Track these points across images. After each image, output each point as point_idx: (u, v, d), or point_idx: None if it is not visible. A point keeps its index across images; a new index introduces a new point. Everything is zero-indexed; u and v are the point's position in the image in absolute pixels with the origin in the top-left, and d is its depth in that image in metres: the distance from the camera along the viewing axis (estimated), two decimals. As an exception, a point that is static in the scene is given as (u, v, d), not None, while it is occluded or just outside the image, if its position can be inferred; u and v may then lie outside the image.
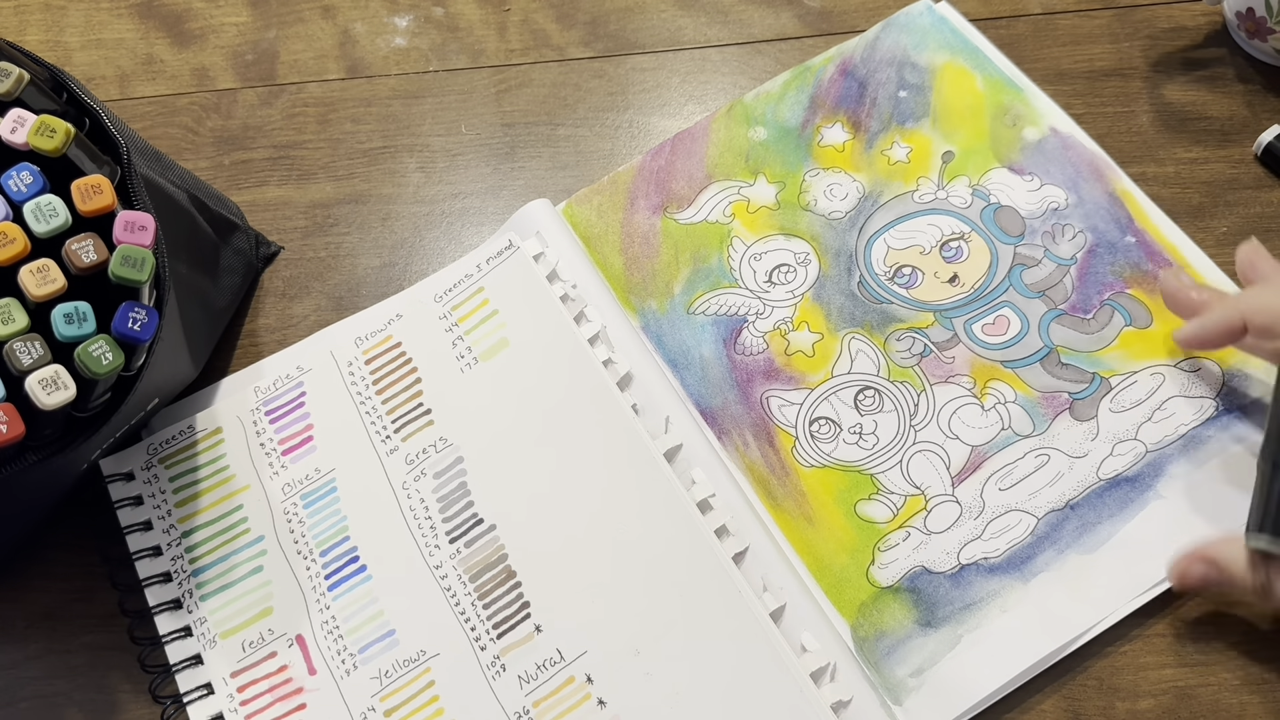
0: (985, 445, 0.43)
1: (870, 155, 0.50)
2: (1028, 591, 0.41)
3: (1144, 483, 0.42)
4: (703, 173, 0.51)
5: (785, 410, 0.45)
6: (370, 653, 0.41)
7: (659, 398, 0.45)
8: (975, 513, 0.42)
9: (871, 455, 0.44)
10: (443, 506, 0.43)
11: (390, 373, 0.46)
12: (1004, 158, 0.50)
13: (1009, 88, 0.51)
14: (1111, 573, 0.40)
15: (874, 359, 0.46)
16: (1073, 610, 0.40)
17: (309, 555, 0.43)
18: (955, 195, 0.49)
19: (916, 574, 0.41)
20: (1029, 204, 0.48)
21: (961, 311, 0.46)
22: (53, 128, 0.36)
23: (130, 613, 0.42)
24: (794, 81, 0.53)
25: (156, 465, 0.45)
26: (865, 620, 0.41)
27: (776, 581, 0.41)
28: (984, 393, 0.44)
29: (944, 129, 0.51)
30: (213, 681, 0.40)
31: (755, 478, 0.44)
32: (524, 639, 0.41)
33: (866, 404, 0.45)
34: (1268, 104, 0.51)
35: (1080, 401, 0.44)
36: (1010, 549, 0.41)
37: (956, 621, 0.40)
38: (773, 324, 0.47)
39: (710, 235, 0.49)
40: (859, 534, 0.42)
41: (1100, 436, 0.43)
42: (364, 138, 0.53)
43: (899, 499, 0.43)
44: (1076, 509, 0.42)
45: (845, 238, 0.49)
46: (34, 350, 0.35)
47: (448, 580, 0.42)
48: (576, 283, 0.47)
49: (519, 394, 0.45)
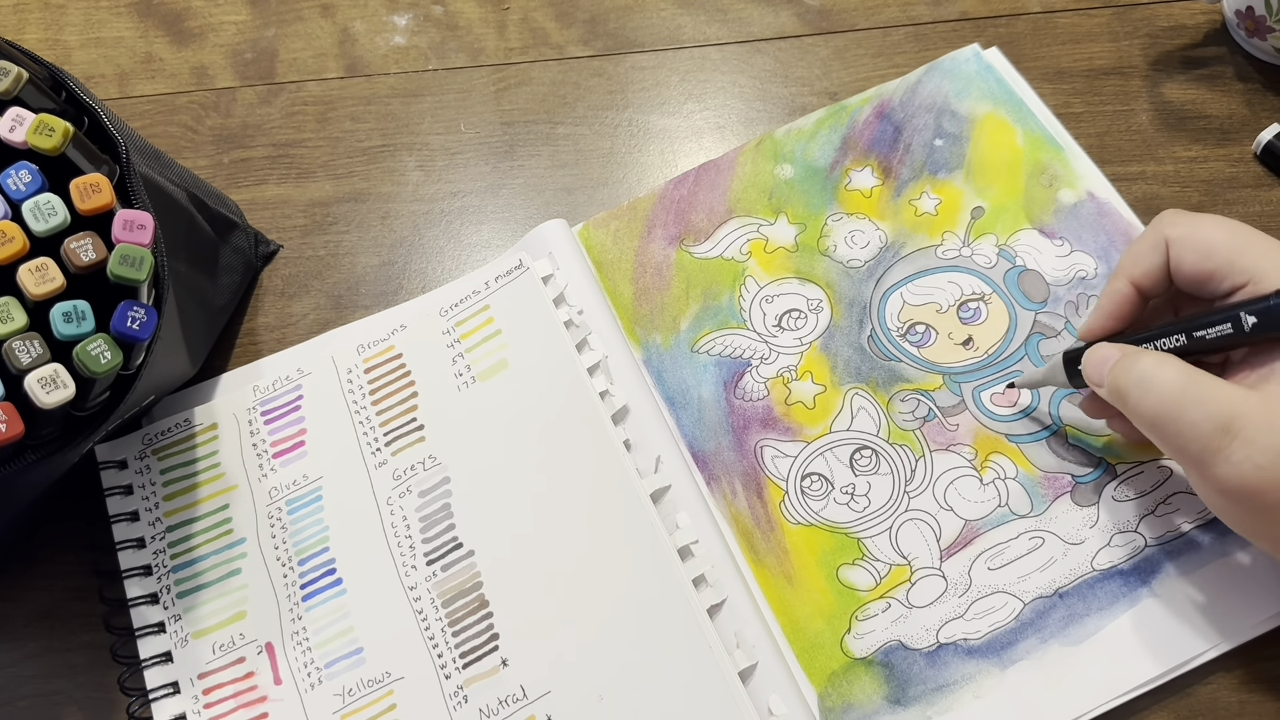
0: (979, 521, 0.42)
1: (897, 204, 0.49)
2: (1004, 678, 0.39)
3: (1138, 578, 0.41)
4: (724, 206, 0.50)
5: (778, 462, 0.44)
6: (336, 668, 0.41)
7: (652, 435, 0.44)
8: (960, 590, 0.41)
9: (861, 518, 0.43)
10: (424, 526, 0.43)
11: (388, 384, 0.46)
12: (1035, 219, 0.48)
13: (1050, 145, 0.49)
14: (1093, 668, 0.39)
15: (875, 418, 0.45)
16: (1048, 703, 0.39)
17: (288, 563, 0.43)
18: (980, 254, 0.47)
19: (892, 648, 0.40)
20: (1056, 270, 0.47)
21: (972, 377, 0.45)
22: (51, 126, 0.36)
23: (109, 601, 0.43)
24: (828, 120, 0.51)
25: (149, 456, 0.45)
26: (834, 690, 0.40)
27: (750, 639, 0.40)
28: (984, 465, 0.43)
29: (977, 183, 0.49)
30: (179, 681, 0.41)
31: (740, 529, 0.43)
32: (489, 671, 0.40)
33: (862, 464, 0.44)
34: (1267, 103, 0.51)
35: (1083, 486, 0.42)
36: (992, 632, 0.40)
37: (926, 703, 0.39)
38: (776, 370, 0.46)
39: (724, 272, 0.48)
40: (838, 600, 0.41)
41: (1099, 525, 0.42)
42: (363, 136, 0.53)
43: (884, 567, 0.42)
44: (1065, 598, 0.41)
45: (861, 288, 0.47)
46: (33, 349, 0.35)
47: (420, 603, 0.42)
48: (583, 308, 0.47)
49: (512, 418, 0.45)
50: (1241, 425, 0.33)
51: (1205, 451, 0.34)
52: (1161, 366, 0.35)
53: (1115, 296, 0.39)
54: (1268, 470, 0.33)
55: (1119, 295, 0.39)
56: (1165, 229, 0.38)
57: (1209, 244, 0.36)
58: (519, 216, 0.51)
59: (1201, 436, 0.34)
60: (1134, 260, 0.39)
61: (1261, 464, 0.33)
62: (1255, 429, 0.33)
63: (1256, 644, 0.39)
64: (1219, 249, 0.36)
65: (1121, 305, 0.39)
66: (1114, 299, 0.39)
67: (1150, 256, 0.38)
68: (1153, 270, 0.38)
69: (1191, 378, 0.35)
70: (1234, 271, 0.36)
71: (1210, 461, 0.34)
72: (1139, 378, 0.36)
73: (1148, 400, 0.35)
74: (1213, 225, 0.37)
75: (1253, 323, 0.34)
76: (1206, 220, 0.37)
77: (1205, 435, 0.34)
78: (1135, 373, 0.36)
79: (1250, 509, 0.34)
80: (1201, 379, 0.35)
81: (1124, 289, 0.39)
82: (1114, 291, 0.39)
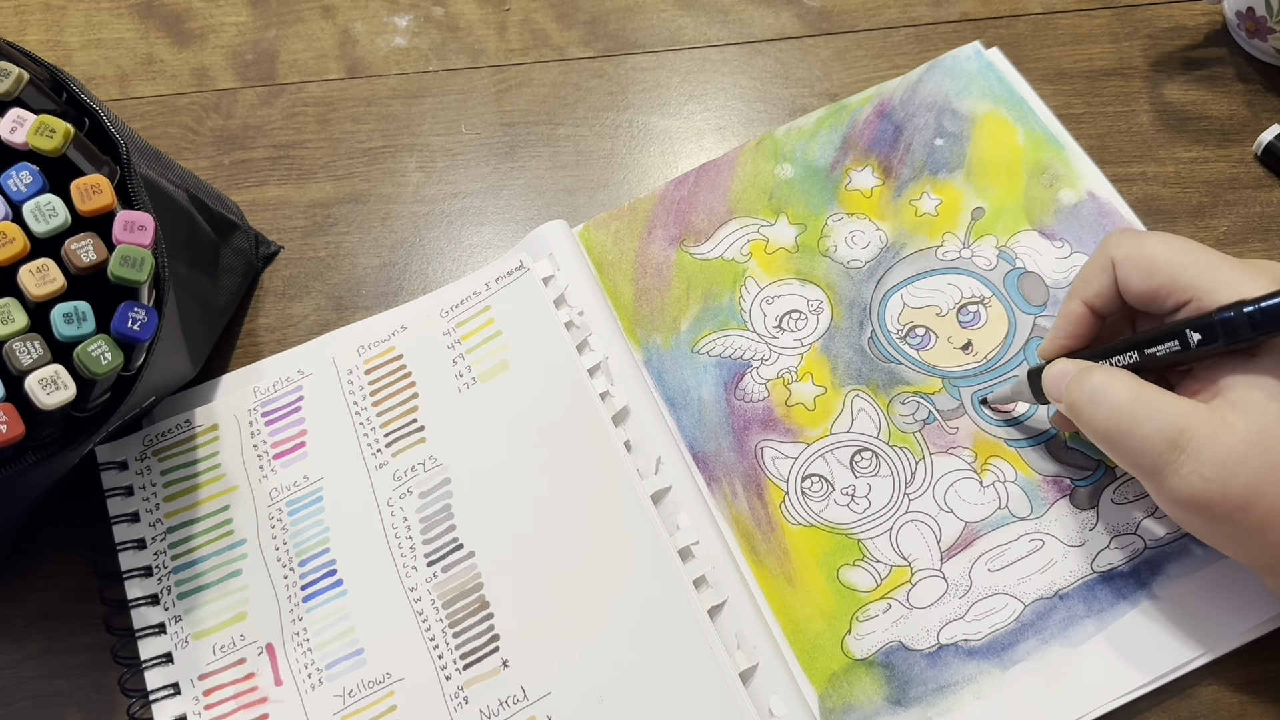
0: (979, 523, 0.42)
1: (898, 204, 0.49)
2: (1004, 679, 0.40)
3: (1138, 580, 0.41)
4: (724, 207, 0.50)
5: (779, 463, 0.44)
6: (337, 669, 0.41)
7: (653, 436, 0.44)
8: (961, 591, 0.41)
9: (861, 519, 0.43)
10: (425, 527, 0.43)
11: (388, 385, 0.46)
12: (1036, 220, 0.48)
13: (1050, 144, 0.49)
14: (1093, 669, 0.39)
15: (875, 420, 0.45)
16: (1048, 705, 0.39)
17: (288, 564, 0.43)
18: (980, 255, 0.47)
19: (893, 649, 0.40)
20: (1056, 272, 0.47)
21: (971, 381, 0.45)
22: (52, 127, 0.36)
23: (110, 602, 0.43)
24: (828, 119, 0.51)
25: (150, 457, 0.45)
26: (835, 691, 0.40)
27: (750, 640, 0.40)
28: (984, 468, 0.43)
29: (978, 183, 0.49)
30: (180, 682, 0.41)
31: (740, 530, 0.43)
32: (490, 672, 0.40)
33: (862, 466, 0.44)
34: (1268, 104, 0.51)
35: (1082, 489, 0.42)
36: (992, 633, 0.40)
37: (927, 703, 0.39)
38: (777, 372, 0.46)
39: (724, 273, 0.48)
40: (839, 600, 0.42)
41: (1099, 527, 0.42)
42: (364, 137, 0.53)
43: (884, 568, 0.42)
44: (1065, 599, 0.41)
45: (861, 289, 0.47)
46: (33, 350, 0.35)
47: (421, 604, 0.42)
48: (584, 309, 0.47)
49: (513, 419, 0.45)
50: (1189, 439, 0.34)
51: (1156, 465, 0.34)
52: (1111, 382, 0.36)
53: (1070, 317, 0.40)
54: (1214, 483, 0.33)
55: (1073, 315, 0.40)
56: (1111, 250, 0.38)
57: (1152, 262, 0.37)
58: (519, 217, 0.51)
59: (1151, 451, 0.34)
60: (1085, 281, 0.39)
61: (1208, 476, 0.33)
62: (1200, 442, 0.33)
63: (1257, 645, 0.40)
64: (1161, 267, 0.36)
65: (1077, 325, 0.40)
66: (1069, 319, 0.40)
67: (1100, 277, 0.39)
68: (1103, 290, 0.39)
69: (1140, 393, 0.35)
70: (1177, 289, 0.36)
71: (1161, 475, 0.34)
72: (1090, 394, 0.36)
73: (1099, 415, 0.36)
74: (1156, 243, 0.37)
75: (1197, 339, 0.34)
76: (1151, 239, 0.38)
77: (1155, 450, 0.34)
78: (1086, 389, 0.36)
79: (1205, 519, 0.35)
80: (1150, 394, 0.35)
81: (1078, 309, 0.39)
82: (1068, 312, 0.40)
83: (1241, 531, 0.34)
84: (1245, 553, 0.36)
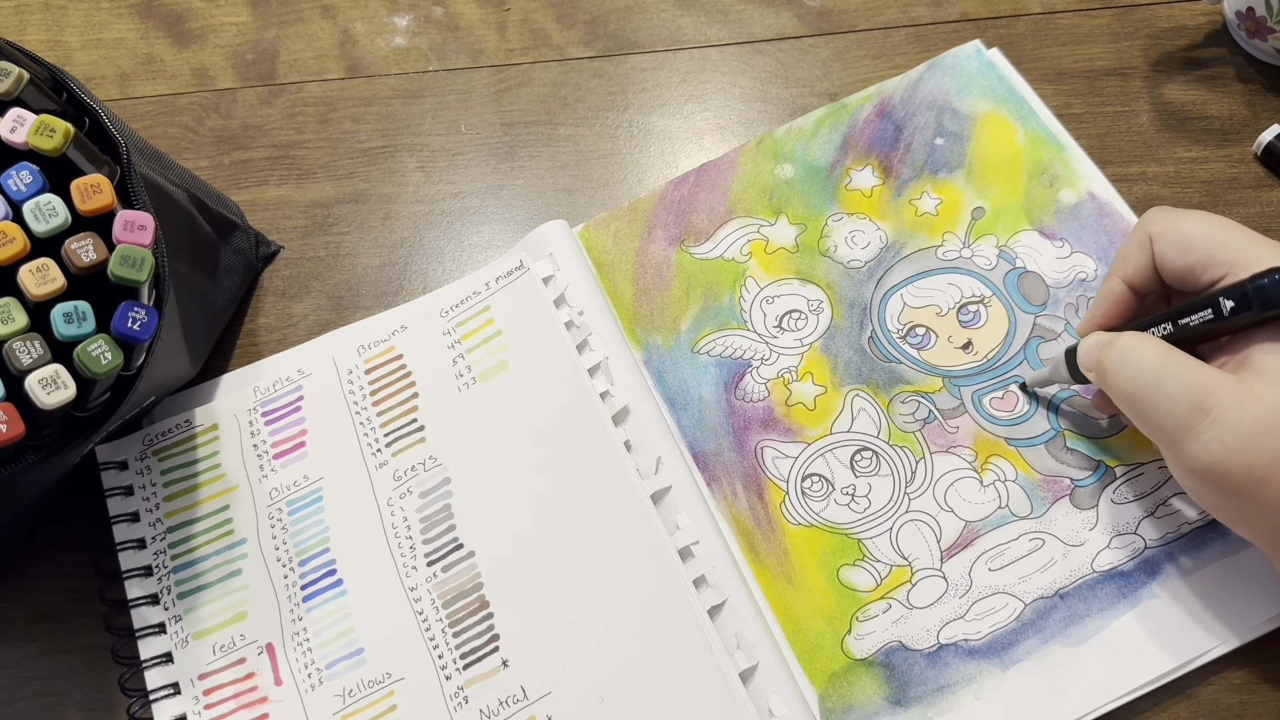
0: (980, 522, 0.42)
1: (898, 204, 0.49)
2: (1005, 679, 0.40)
3: (1138, 579, 0.41)
4: (724, 207, 0.50)
5: (779, 463, 0.44)
6: (337, 669, 0.41)
7: (653, 436, 0.44)
8: (961, 591, 0.41)
9: (862, 519, 0.43)
10: (424, 527, 0.43)
11: (388, 385, 0.46)
12: (1036, 219, 0.48)
13: (1050, 144, 0.49)
14: (1094, 669, 0.39)
15: (876, 419, 0.45)
16: (1048, 704, 0.39)
17: (288, 563, 0.43)
18: (980, 255, 0.47)
19: (893, 649, 0.40)
20: (1056, 271, 0.47)
21: (971, 381, 0.45)
22: (52, 127, 0.36)
23: (110, 601, 0.43)
24: (828, 119, 0.51)
25: (150, 457, 0.45)
26: (835, 691, 0.40)
27: (750, 640, 0.40)
28: (984, 468, 0.43)
29: (978, 183, 0.49)
30: (180, 682, 0.41)
31: (740, 529, 0.43)
32: (490, 672, 0.40)
33: (863, 465, 0.44)
34: (1268, 104, 0.51)
35: (1082, 489, 0.42)
36: (993, 633, 0.40)
37: (927, 703, 0.39)
38: (777, 371, 0.46)
39: (725, 273, 0.48)
40: (839, 600, 0.41)
41: (1099, 527, 0.42)
42: (364, 137, 0.53)
43: (884, 568, 0.42)
44: (1066, 599, 0.41)
45: (862, 289, 0.47)
46: (33, 350, 0.35)
47: (421, 604, 0.42)
48: (584, 309, 0.47)
49: (513, 419, 0.45)
50: (1213, 404, 0.34)
51: (1178, 429, 0.34)
52: (1142, 345, 0.36)
53: (1109, 295, 0.40)
54: (1235, 451, 0.33)
55: (1113, 294, 0.40)
56: (1149, 226, 0.39)
57: (1189, 238, 0.37)
58: (519, 217, 0.51)
59: (1175, 413, 0.34)
60: (1123, 259, 0.40)
61: (1230, 444, 0.33)
62: (1226, 409, 0.34)
63: (1257, 645, 0.40)
64: (1198, 243, 0.37)
65: (1115, 303, 0.40)
66: (1108, 297, 0.40)
67: (1137, 254, 0.39)
68: (1141, 267, 0.39)
69: (1169, 356, 0.35)
70: (1213, 264, 0.37)
71: (1182, 439, 0.34)
72: (1118, 353, 0.37)
73: (1125, 374, 0.36)
74: (1193, 220, 0.38)
75: (1230, 306, 0.35)
76: (1187, 215, 0.38)
77: (1179, 412, 0.34)
78: (1115, 349, 0.37)
79: (1220, 490, 0.35)
80: (1179, 357, 0.35)
81: (1117, 287, 0.40)
82: (1108, 290, 0.40)
83: (1258, 507, 0.34)
84: (1257, 530, 0.36)
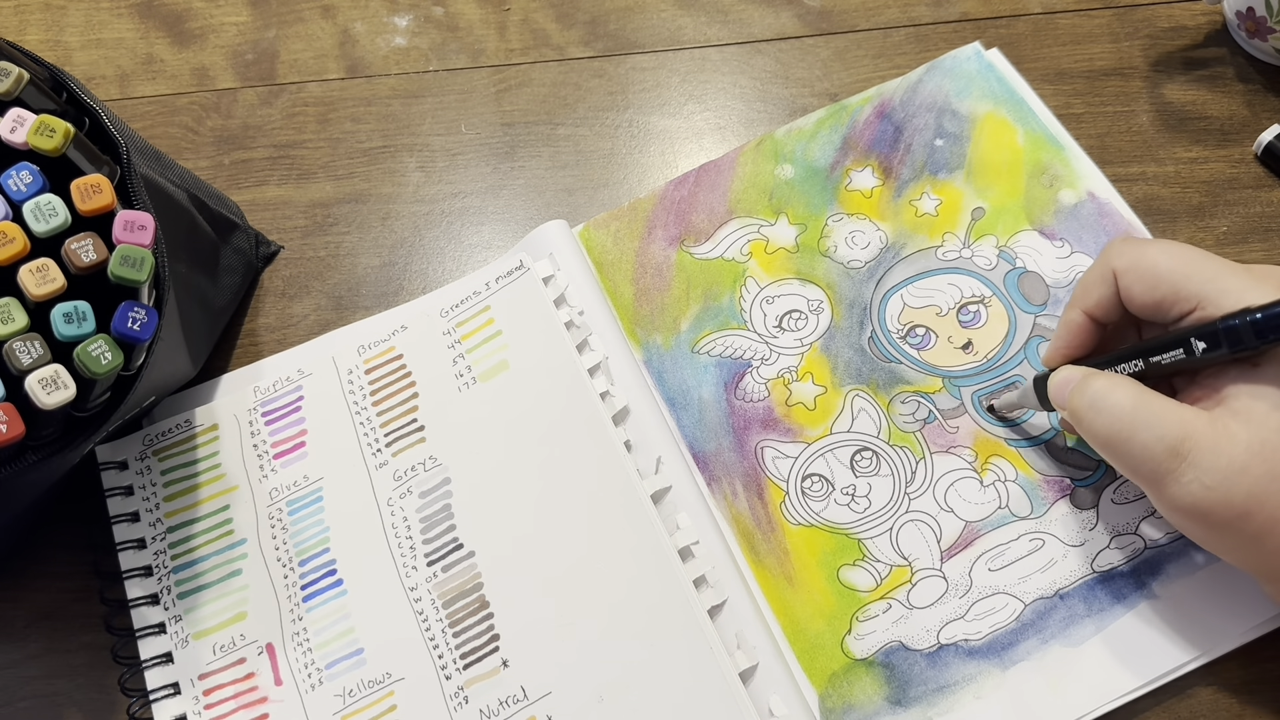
0: (980, 522, 0.42)
1: (898, 205, 0.49)
2: (1005, 679, 0.40)
3: (1138, 580, 0.41)
4: (724, 207, 0.50)
5: (779, 463, 0.44)
6: (337, 669, 0.41)
7: (653, 436, 0.44)
8: (961, 591, 0.41)
9: (862, 519, 0.43)
10: (425, 527, 0.43)
11: (388, 385, 0.46)
12: (1036, 220, 0.48)
13: (1050, 145, 0.49)
14: (1094, 669, 0.39)
15: (876, 419, 0.45)
16: (1048, 704, 0.39)
17: (288, 563, 0.43)
18: (980, 255, 0.47)
19: (893, 649, 0.40)
20: (1056, 271, 0.47)
21: (971, 381, 0.45)
22: (52, 127, 0.36)
23: (110, 601, 0.43)
24: (828, 120, 0.51)
25: (150, 457, 0.45)
26: (835, 691, 0.40)
27: (750, 640, 0.40)
28: (984, 468, 0.43)
29: (978, 183, 0.49)
30: (180, 682, 0.41)
31: (740, 529, 0.43)
32: (490, 672, 0.40)
33: (863, 465, 0.44)
34: (1268, 104, 0.51)
35: (1082, 489, 0.42)
36: (993, 633, 0.40)
37: (927, 703, 0.39)
38: (777, 371, 0.46)
39: (725, 273, 0.48)
40: (839, 600, 0.42)
41: (1099, 527, 0.42)
42: (364, 137, 0.53)
43: (884, 568, 0.42)
44: (1066, 599, 0.41)
45: (862, 289, 0.47)
46: (33, 350, 0.35)
47: (421, 604, 0.42)
48: (584, 309, 0.47)
49: (513, 419, 0.45)
50: (1190, 448, 0.34)
51: (1157, 473, 0.34)
52: (1113, 389, 0.36)
53: (1071, 326, 0.40)
54: (1216, 491, 0.33)
55: (1074, 325, 0.39)
56: (1113, 260, 0.38)
57: (1155, 273, 0.36)
58: (519, 217, 0.51)
59: (1153, 459, 0.34)
60: (1085, 290, 0.39)
61: (1210, 484, 0.33)
62: (1202, 451, 0.33)
63: (1257, 645, 0.40)
64: (1164, 277, 0.36)
65: (1078, 335, 0.39)
66: (1069, 329, 0.40)
67: (1100, 287, 0.38)
68: (1104, 301, 0.38)
69: (1142, 400, 0.35)
70: (1181, 298, 0.36)
71: (1162, 483, 0.34)
72: (1090, 400, 0.36)
73: (1100, 422, 0.36)
74: (1158, 252, 0.37)
75: (1202, 347, 0.34)
76: (1152, 248, 0.37)
77: (1156, 457, 0.34)
78: (1088, 395, 0.36)
79: (1205, 527, 0.35)
80: (1152, 401, 0.35)
81: (1078, 319, 0.39)
82: (1069, 321, 0.40)
83: (1242, 539, 0.34)
84: (1245, 559, 0.36)
